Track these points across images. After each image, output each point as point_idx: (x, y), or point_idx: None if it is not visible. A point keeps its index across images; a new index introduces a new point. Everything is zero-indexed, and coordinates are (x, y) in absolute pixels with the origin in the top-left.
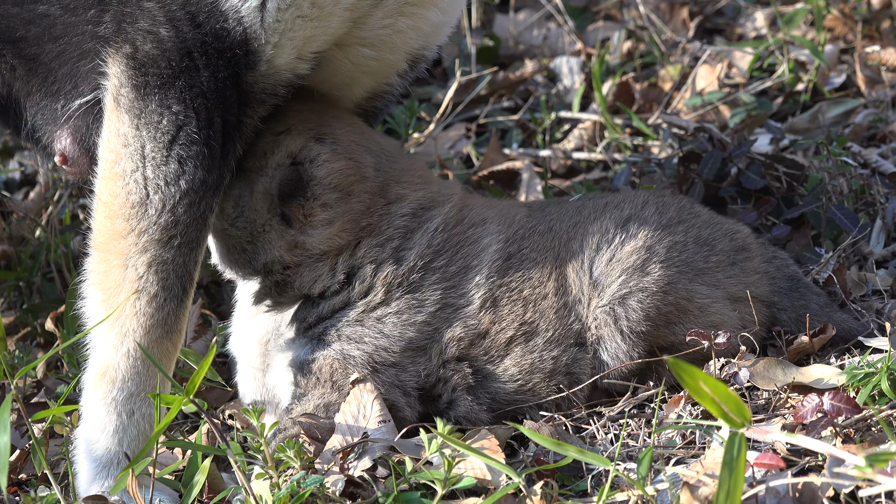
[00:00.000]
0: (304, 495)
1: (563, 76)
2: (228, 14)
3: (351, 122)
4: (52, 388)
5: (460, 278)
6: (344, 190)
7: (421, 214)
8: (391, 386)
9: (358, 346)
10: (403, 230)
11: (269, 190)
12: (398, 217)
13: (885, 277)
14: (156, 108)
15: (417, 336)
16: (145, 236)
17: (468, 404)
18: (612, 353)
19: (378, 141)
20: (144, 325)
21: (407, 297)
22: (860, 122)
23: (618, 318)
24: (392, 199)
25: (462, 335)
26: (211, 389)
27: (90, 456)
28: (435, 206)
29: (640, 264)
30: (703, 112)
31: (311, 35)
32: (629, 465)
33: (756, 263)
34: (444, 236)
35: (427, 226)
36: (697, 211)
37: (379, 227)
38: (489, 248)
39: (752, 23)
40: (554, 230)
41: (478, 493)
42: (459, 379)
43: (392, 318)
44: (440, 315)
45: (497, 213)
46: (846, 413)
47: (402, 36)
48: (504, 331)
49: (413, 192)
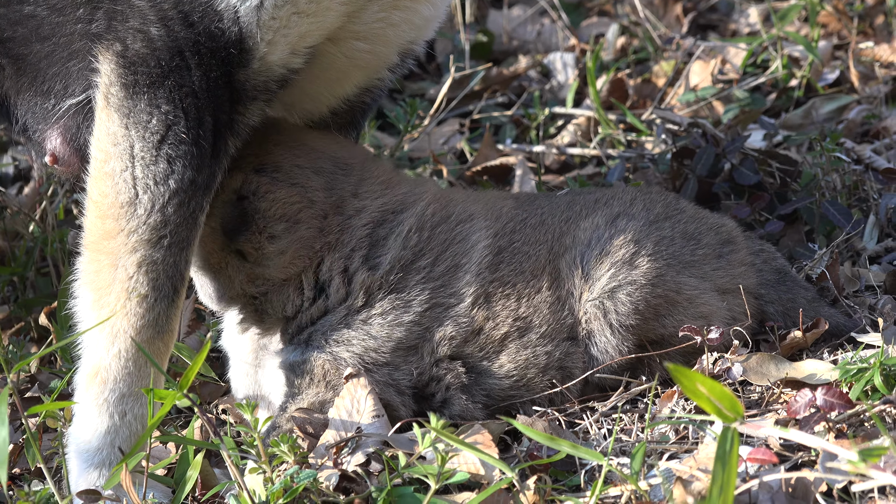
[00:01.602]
0: (297, 490)
1: (556, 72)
2: (224, 14)
3: (297, 143)
4: (45, 383)
5: (449, 277)
6: (291, 219)
7: (391, 219)
8: (385, 385)
9: (347, 349)
10: (368, 240)
11: (217, 228)
12: (359, 229)
13: (878, 273)
14: (145, 108)
15: (407, 336)
16: (135, 236)
17: (462, 403)
18: (601, 347)
19: (332, 155)
20: (135, 326)
21: (390, 297)
22: (854, 118)
23: (607, 312)
24: (350, 213)
25: (454, 334)
26: (204, 384)
27: (82, 457)
28: (404, 208)
29: (628, 258)
30: (696, 108)
31: (307, 31)
32: (622, 460)
33: (742, 256)
34: (423, 235)
35: (399, 229)
36: (683, 206)
37: (340, 241)
38: (478, 245)
39: (746, 18)
40: (546, 224)
41: (471, 487)
42: (453, 378)
43: (377, 319)
44: (430, 315)
45: (483, 207)
46: (839, 408)
47: (396, 29)
48: (498, 327)
49: (373, 201)
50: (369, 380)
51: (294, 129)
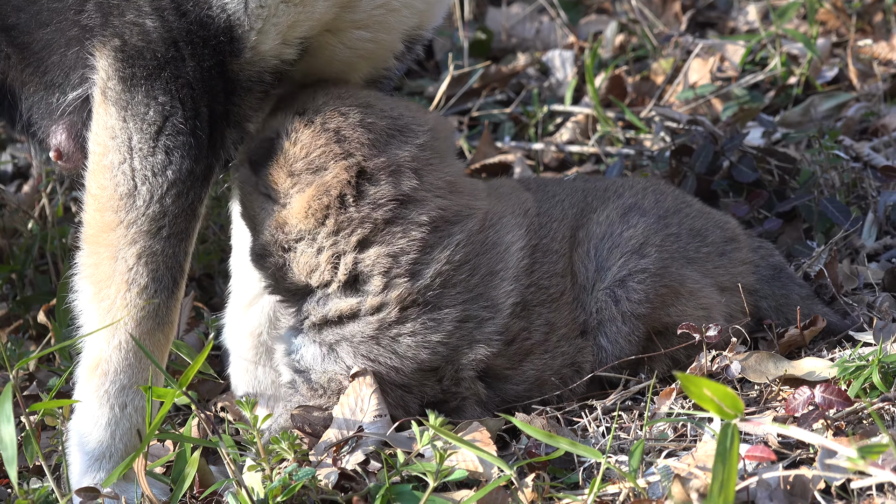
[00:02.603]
0: (295, 488)
1: (555, 69)
2: (212, 2)
3: (355, 97)
4: (44, 381)
5: (485, 286)
6: (313, 162)
7: (441, 228)
8: (394, 407)
9: (371, 366)
10: (421, 242)
11: (245, 161)
12: (415, 228)
13: (877, 271)
14: (142, 100)
15: (431, 357)
16: (134, 227)
17: (475, 412)
18: (611, 337)
19: (390, 115)
20: (135, 317)
21: (423, 318)
22: (852, 115)
23: (618, 300)
24: (406, 192)
25: (483, 356)
26: (203, 381)
27: (83, 449)
28: (458, 220)
29: (637, 247)
30: (695, 105)
31: (296, 20)
32: (621, 458)
33: (744, 254)
34: (466, 251)
35: (447, 242)
36: (690, 200)
37: (391, 231)
38: (513, 247)
39: (745, 16)
40: (567, 217)
41: (469, 485)
42: (470, 394)
43: (407, 339)
44: (460, 332)
45: (509, 203)
46: (838, 406)
47: (397, 14)
48: (532, 336)
49: (434, 198)
50: (375, 379)
51: (361, 88)
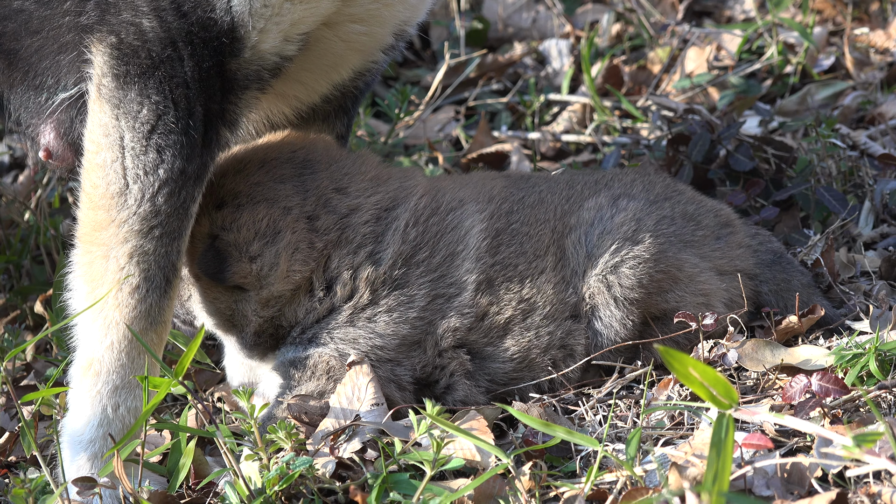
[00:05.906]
0: (292, 477)
1: (552, 59)
2: (216, 4)
3: (248, 164)
4: (41, 371)
5: (447, 266)
6: (266, 234)
7: (384, 216)
8: (386, 381)
9: (352, 347)
10: (372, 236)
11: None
12: (361, 226)
13: (874, 259)
14: (135, 98)
15: (411, 332)
16: (126, 227)
17: (466, 388)
18: (605, 321)
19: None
20: (127, 317)
21: (395, 294)
22: (849, 104)
23: (611, 286)
24: (344, 211)
25: (458, 325)
26: (199, 371)
27: (74, 448)
28: (397, 204)
29: (630, 234)
30: (691, 94)
31: (300, 18)
32: (618, 446)
33: (740, 238)
34: (420, 229)
35: (395, 225)
36: (681, 188)
37: (345, 238)
38: (472, 230)
39: (741, 5)
40: (546, 202)
41: (466, 473)
42: (457, 366)
43: (383, 316)
44: (432, 307)
45: (473, 190)
46: (834, 394)
47: (391, 9)
48: (503, 311)
49: (367, 199)
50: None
51: (240, 151)
